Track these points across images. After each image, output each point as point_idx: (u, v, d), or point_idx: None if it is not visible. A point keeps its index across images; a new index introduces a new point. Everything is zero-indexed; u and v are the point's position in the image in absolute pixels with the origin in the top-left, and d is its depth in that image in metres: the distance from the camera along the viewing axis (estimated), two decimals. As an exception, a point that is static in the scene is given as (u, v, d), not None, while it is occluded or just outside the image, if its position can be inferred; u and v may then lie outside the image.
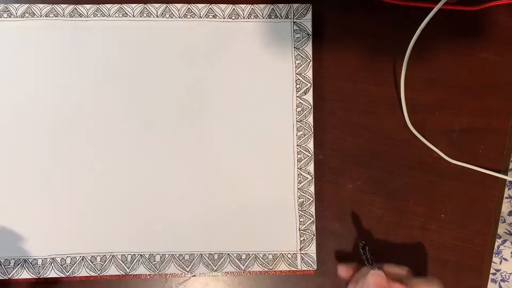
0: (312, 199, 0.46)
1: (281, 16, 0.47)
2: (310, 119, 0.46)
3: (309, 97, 0.46)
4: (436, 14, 0.44)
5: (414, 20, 0.44)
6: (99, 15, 0.46)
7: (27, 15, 0.46)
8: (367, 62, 0.47)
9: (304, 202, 0.46)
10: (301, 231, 0.46)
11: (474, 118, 0.47)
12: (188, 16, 0.46)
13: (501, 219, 0.73)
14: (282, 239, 0.45)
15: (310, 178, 0.46)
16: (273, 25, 0.47)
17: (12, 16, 0.46)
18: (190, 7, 0.46)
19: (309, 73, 0.46)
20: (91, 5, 0.46)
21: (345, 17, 0.47)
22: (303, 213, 0.46)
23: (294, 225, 0.46)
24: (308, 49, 0.47)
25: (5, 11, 0.46)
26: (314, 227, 0.46)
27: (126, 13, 0.46)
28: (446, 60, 0.47)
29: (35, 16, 0.46)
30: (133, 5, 0.46)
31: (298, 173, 0.46)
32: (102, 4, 0.46)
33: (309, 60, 0.46)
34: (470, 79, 0.48)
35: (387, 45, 0.48)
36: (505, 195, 0.49)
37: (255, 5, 0.47)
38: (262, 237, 0.45)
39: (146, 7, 0.46)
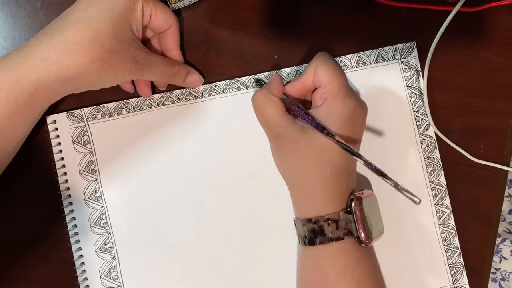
0: (454, 232, 0.46)
1: (388, 59, 0.47)
2: (437, 154, 0.47)
3: (431, 132, 0.47)
4: (436, 14, 0.46)
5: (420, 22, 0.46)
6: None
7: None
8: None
9: (448, 236, 0.46)
10: (450, 265, 0.46)
11: (474, 118, 0.47)
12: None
13: (501, 218, 0.72)
14: (433, 275, 0.46)
15: (448, 211, 0.46)
16: (383, 69, 0.47)
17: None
18: (299, 69, 0.47)
19: (426, 109, 0.46)
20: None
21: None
22: (448, 247, 0.46)
23: (442, 260, 0.46)
24: (420, 85, 0.47)
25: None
26: (461, 259, 0.46)
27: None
28: (446, 60, 0.47)
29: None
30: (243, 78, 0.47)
31: (436, 208, 0.46)
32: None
33: (423, 96, 0.47)
34: (470, 79, 0.47)
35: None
36: (505, 193, 0.49)
37: (361, 52, 0.47)
38: (414, 276, 0.46)
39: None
